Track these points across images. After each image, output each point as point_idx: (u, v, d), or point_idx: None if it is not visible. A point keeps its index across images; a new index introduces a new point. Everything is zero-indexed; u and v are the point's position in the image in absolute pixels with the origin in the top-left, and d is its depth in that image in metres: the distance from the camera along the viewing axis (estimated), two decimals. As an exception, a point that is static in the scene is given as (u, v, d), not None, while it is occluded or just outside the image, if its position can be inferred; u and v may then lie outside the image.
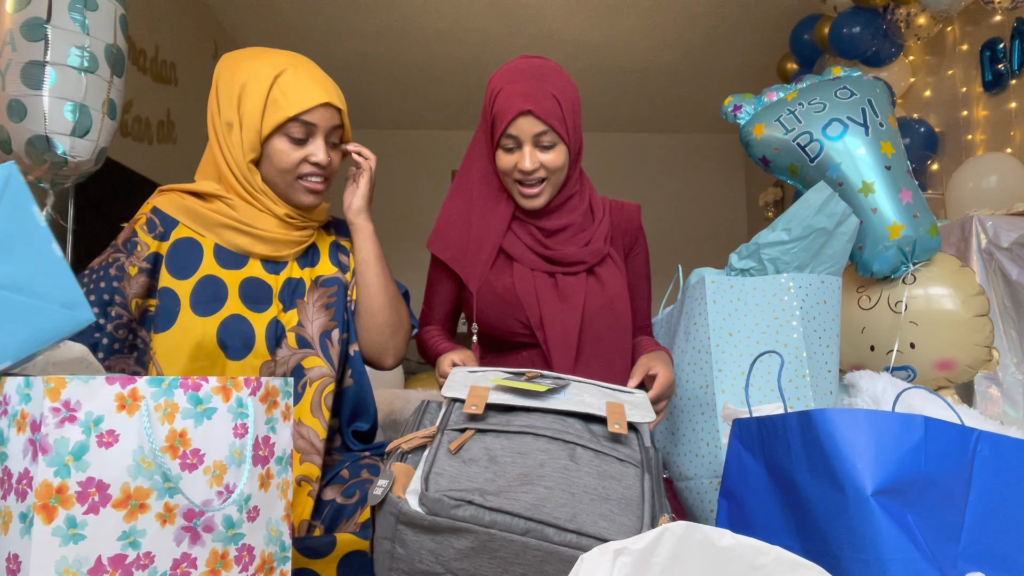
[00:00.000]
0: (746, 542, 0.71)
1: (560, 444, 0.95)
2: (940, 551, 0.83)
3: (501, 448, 0.93)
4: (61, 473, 0.71)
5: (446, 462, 0.90)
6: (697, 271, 1.45)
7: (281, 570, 0.88)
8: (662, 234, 5.62)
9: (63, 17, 1.85)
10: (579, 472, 0.91)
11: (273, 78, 1.17)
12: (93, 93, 1.88)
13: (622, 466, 0.94)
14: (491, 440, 0.94)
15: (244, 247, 1.20)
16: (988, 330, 1.62)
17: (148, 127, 3.49)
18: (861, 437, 0.84)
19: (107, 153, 2.03)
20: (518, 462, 0.91)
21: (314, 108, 1.17)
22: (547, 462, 0.91)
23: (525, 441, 0.94)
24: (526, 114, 1.26)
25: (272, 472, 0.87)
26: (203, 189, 1.21)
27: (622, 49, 4.72)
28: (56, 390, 0.72)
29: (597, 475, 0.92)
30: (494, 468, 0.90)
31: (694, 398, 1.37)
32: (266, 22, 4.38)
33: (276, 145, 1.18)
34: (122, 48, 1.97)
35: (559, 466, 0.91)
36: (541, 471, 0.90)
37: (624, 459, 0.95)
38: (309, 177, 1.21)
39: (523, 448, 0.93)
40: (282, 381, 0.91)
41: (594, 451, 0.95)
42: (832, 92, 1.65)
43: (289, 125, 1.17)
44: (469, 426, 0.96)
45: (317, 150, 1.19)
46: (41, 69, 1.83)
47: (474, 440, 0.94)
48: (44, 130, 1.84)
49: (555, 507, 0.85)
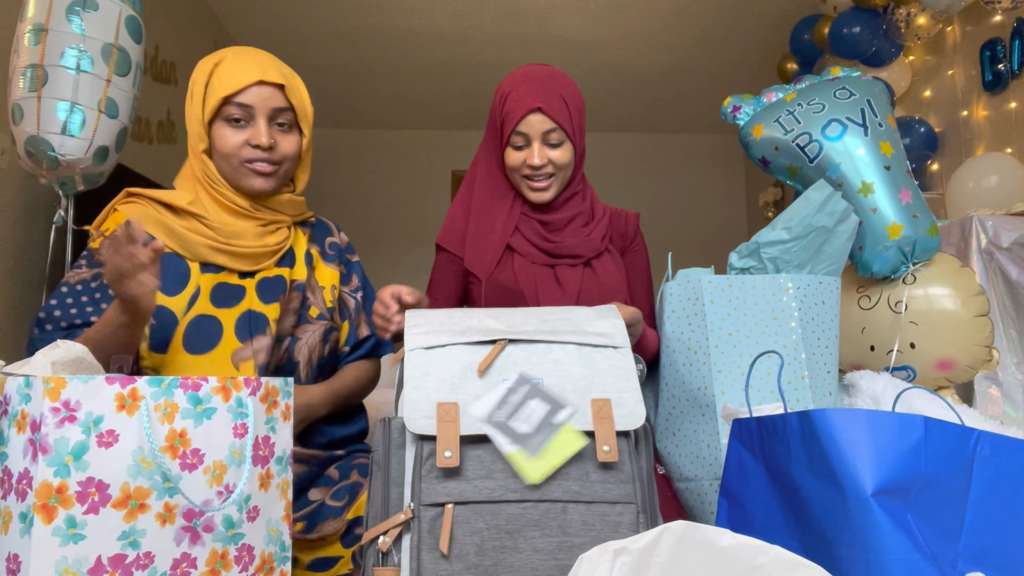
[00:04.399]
0: (746, 542, 0.71)
1: (548, 507, 0.89)
2: (940, 551, 0.83)
3: (486, 531, 0.88)
4: (61, 473, 0.71)
5: (432, 565, 0.85)
6: (684, 272, 1.44)
7: (281, 570, 0.88)
8: (662, 234, 5.61)
9: (60, 20, 1.86)
10: (572, 544, 0.88)
11: (213, 66, 1.20)
12: (87, 93, 1.89)
13: (616, 516, 0.91)
14: (474, 521, 0.88)
15: (221, 264, 1.20)
16: (988, 330, 1.62)
17: (148, 127, 3.49)
18: (861, 437, 0.84)
19: (114, 153, 2.02)
20: (506, 558, 0.87)
21: (247, 88, 1.17)
22: (539, 544, 0.88)
23: (511, 515, 0.88)
24: (536, 111, 1.32)
25: (272, 472, 0.87)
26: (175, 201, 1.19)
27: (622, 49, 4.71)
28: (56, 390, 0.72)
29: (592, 541, 0.87)
30: (484, 566, 0.86)
31: (692, 399, 1.36)
32: (266, 22, 4.38)
33: (218, 131, 1.19)
34: (127, 48, 1.97)
35: (552, 548, 0.88)
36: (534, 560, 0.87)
37: (617, 500, 0.91)
38: (255, 161, 1.20)
39: (510, 526, 0.88)
40: (282, 381, 0.91)
41: (586, 505, 0.90)
42: (831, 92, 1.65)
43: (225, 108, 1.18)
44: (447, 501, 0.88)
45: (258, 132, 1.18)
46: (36, 71, 1.84)
47: (457, 523, 0.88)
48: (37, 130, 1.85)
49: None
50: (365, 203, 6.01)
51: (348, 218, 5.78)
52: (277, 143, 1.21)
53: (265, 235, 1.23)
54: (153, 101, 3.53)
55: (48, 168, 1.92)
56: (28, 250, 2.45)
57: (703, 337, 1.36)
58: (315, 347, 1.24)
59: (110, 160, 2.02)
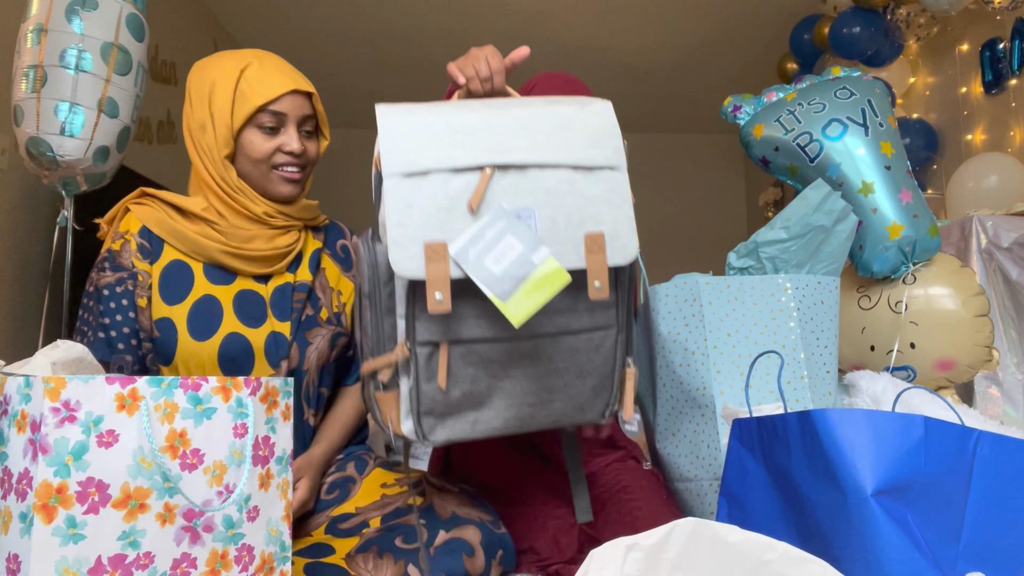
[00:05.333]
0: (754, 538, 0.72)
1: (539, 341, 0.93)
2: (940, 551, 0.83)
3: (480, 364, 0.91)
4: (61, 473, 0.71)
5: (431, 395, 0.90)
6: (680, 277, 1.43)
7: (281, 570, 0.88)
8: (662, 234, 5.62)
9: (60, 20, 1.86)
10: (557, 369, 0.95)
11: (240, 71, 1.19)
12: (85, 92, 1.88)
13: (600, 336, 0.97)
14: (468, 356, 0.91)
15: (235, 268, 1.20)
16: (988, 330, 1.62)
17: (148, 127, 3.49)
18: (861, 437, 0.84)
19: (116, 153, 2.01)
20: (498, 383, 0.93)
21: (282, 97, 1.19)
22: (529, 371, 0.94)
23: (504, 349, 0.91)
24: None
25: (272, 472, 0.87)
26: (189, 206, 1.19)
27: (622, 49, 4.71)
28: (56, 390, 0.72)
29: (572, 371, 0.96)
30: (473, 402, 0.92)
31: (691, 400, 1.36)
32: (266, 22, 4.38)
33: (248, 137, 1.19)
34: (127, 47, 1.96)
35: (532, 373, 0.94)
36: (516, 387, 0.94)
37: (600, 326, 0.97)
38: (284, 167, 1.21)
39: (503, 359, 0.91)
40: (282, 381, 0.91)
41: (574, 335, 0.95)
42: (832, 92, 1.65)
43: (259, 115, 1.19)
44: (441, 340, 0.89)
45: (290, 139, 1.20)
46: (36, 72, 1.84)
47: (452, 358, 0.90)
48: (37, 131, 1.85)
49: (532, 408, 0.95)
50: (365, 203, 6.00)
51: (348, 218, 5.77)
52: (305, 149, 1.24)
53: (276, 237, 1.23)
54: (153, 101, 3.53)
55: (49, 169, 1.92)
56: (30, 250, 2.45)
57: (701, 338, 1.36)
58: (323, 352, 1.24)
59: (112, 160, 2.01)
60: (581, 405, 0.99)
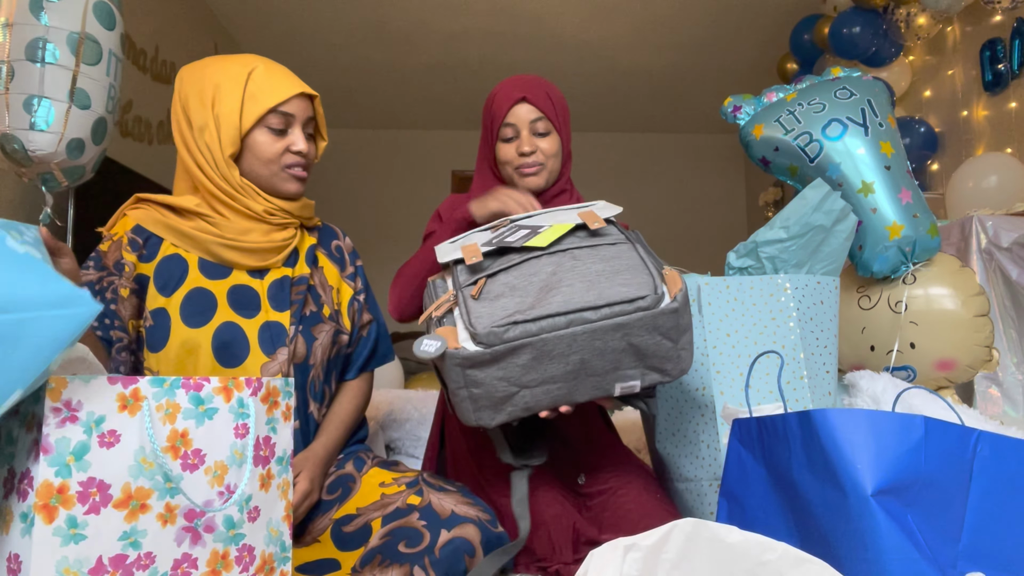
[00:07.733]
0: (753, 538, 0.72)
1: (559, 254, 1.12)
2: (940, 551, 0.83)
3: (514, 278, 1.09)
4: (62, 473, 0.71)
5: (477, 307, 1.06)
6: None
7: (281, 570, 0.88)
8: (662, 234, 5.62)
9: (24, 12, 1.82)
10: (586, 265, 1.09)
11: (247, 75, 1.22)
12: (54, 84, 1.83)
13: (616, 248, 1.13)
14: (502, 277, 1.10)
15: (231, 260, 1.21)
16: (988, 330, 1.62)
17: (148, 127, 3.49)
18: (861, 437, 0.84)
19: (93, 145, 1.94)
20: (534, 281, 1.08)
21: (291, 99, 1.23)
22: (557, 270, 1.09)
23: (530, 265, 1.11)
24: (521, 101, 1.41)
25: (273, 472, 0.87)
26: (182, 204, 1.22)
27: (622, 49, 4.72)
28: (57, 390, 0.72)
29: (600, 260, 1.10)
30: (518, 293, 1.07)
31: (691, 400, 1.37)
32: (266, 22, 4.38)
33: (257, 138, 1.22)
34: (96, 36, 1.91)
35: (568, 267, 1.09)
36: (556, 278, 1.07)
37: (615, 242, 1.14)
38: (294, 167, 1.26)
39: (532, 270, 1.10)
40: (283, 381, 0.91)
41: (589, 247, 1.13)
42: (832, 92, 1.65)
43: (268, 117, 1.22)
44: (478, 276, 1.11)
45: (297, 139, 1.24)
46: (3, 67, 1.81)
47: (489, 283, 1.10)
48: (7, 127, 1.82)
49: (581, 296, 1.03)
50: (365, 203, 6.01)
51: (348, 218, 5.79)
52: (310, 149, 1.28)
53: (272, 232, 1.25)
54: (153, 101, 3.53)
55: (23, 165, 1.88)
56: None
57: (700, 339, 1.36)
58: (327, 348, 1.27)
59: (89, 152, 1.95)
60: (627, 281, 1.08)
